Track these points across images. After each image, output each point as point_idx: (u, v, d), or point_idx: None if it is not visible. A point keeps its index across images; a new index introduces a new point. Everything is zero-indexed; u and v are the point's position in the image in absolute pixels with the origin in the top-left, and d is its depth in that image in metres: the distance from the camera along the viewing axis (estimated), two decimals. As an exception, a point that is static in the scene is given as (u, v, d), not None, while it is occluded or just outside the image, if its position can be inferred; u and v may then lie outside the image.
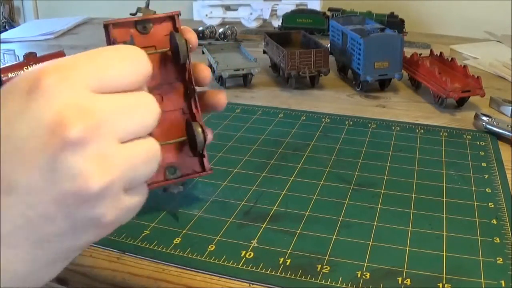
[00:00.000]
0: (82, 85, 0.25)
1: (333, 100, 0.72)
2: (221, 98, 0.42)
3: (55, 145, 0.24)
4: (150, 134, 0.28)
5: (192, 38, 0.40)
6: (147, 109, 0.28)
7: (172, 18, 0.40)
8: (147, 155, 0.28)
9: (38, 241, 0.25)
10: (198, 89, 0.41)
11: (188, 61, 0.39)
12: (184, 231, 0.41)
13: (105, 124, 0.25)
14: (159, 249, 0.38)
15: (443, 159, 0.53)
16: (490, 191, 0.47)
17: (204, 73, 0.41)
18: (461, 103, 0.68)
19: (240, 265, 0.37)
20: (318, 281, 0.35)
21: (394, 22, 0.98)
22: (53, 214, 0.25)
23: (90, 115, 0.25)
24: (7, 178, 0.24)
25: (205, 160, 0.42)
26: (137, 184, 0.28)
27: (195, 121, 0.40)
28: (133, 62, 0.28)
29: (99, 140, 0.25)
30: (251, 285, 0.35)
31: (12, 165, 0.24)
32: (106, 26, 0.37)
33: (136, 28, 0.39)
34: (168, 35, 0.39)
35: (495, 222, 0.42)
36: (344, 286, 0.34)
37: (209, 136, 0.41)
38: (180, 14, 0.40)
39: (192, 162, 0.42)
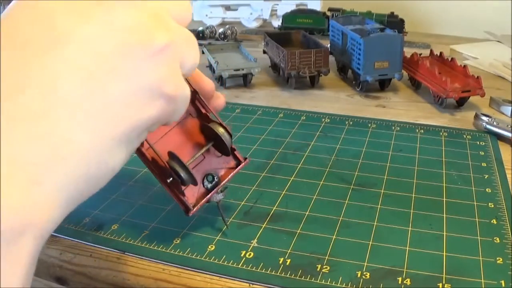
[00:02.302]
0: (162, 4, 0.26)
1: (333, 100, 0.72)
2: (220, 103, 0.41)
3: (140, 51, 0.24)
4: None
5: (207, 85, 0.39)
6: (197, 48, 0.28)
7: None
8: (187, 99, 0.28)
9: (104, 100, 0.23)
10: None
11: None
12: (184, 231, 0.41)
13: (181, 47, 0.26)
14: (159, 249, 0.38)
15: (443, 159, 0.53)
16: (490, 191, 0.47)
17: (219, 101, 0.41)
18: (461, 103, 0.68)
19: (240, 265, 0.37)
20: (318, 281, 0.35)
21: (394, 22, 0.98)
22: (117, 67, 0.23)
23: (172, 32, 0.26)
24: (61, 28, 0.22)
25: (237, 152, 0.41)
26: (185, 71, 0.28)
27: (212, 122, 0.39)
28: (186, 4, 0.29)
29: (174, 56, 0.26)
30: (251, 285, 0.35)
31: (67, 16, 0.23)
32: None
33: None
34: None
35: (495, 222, 0.42)
36: (344, 286, 0.34)
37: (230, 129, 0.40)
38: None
39: (224, 161, 0.41)
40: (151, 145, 0.37)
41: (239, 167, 0.41)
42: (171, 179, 0.37)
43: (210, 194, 0.40)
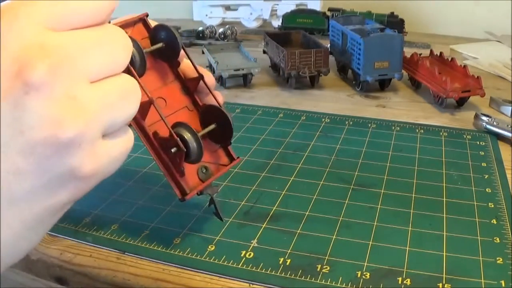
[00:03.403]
0: (40, 22, 0.22)
1: (333, 100, 0.72)
2: (220, 100, 0.40)
3: (17, 90, 0.21)
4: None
5: (209, 81, 0.38)
6: (116, 42, 0.25)
7: (142, 20, 0.37)
8: (124, 92, 0.25)
9: (10, 201, 0.22)
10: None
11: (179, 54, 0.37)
12: (184, 231, 0.41)
13: (72, 62, 0.22)
14: (159, 249, 0.38)
15: (443, 159, 0.53)
16: (490, 191, 0.47)
17: (219, 99, 0.39)
18: (461, 103, 0.68)
19: (240, 265, 0.37)
20: (318, 281, 0.35)
21: (394, 22, 0.98)
22: (22, 168, 0.22)
23: (53, 53, 0.22)
24: None
25: (230, 148, 0.40)
26: (118, 127, 0.26)
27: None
28: None
29: (67, 80, 0.22)
30: (251, 285, 0.35)
31: None
32: None
33: None
34: (147, 37, 0.36)
35: (495, 222, 0.42)
36: (344, 286, 0.34)
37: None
38: (148, 15, 0.37)
39: (217, 156, 0.40)
40: (162, 118, 0.34)
41: (231, 164, 0.40)
42: (174, 149, 0.35)
43: (204, 183, 0.38)
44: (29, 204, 0.23)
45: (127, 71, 0.28)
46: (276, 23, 1.14)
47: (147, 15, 0.37)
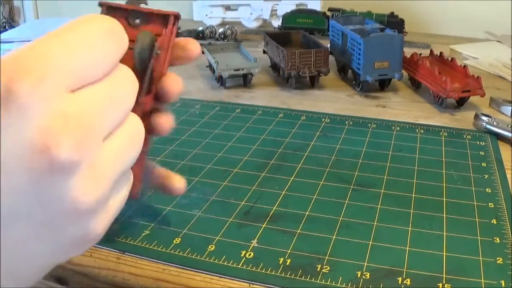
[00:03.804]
0: (60, 87, 0.21)
1: (333, 100, 0.72)
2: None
3: (43, 166, 0.21)
4: None
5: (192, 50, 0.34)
6: (127, 88, 0.25)
7: (170, 18, 0.34)
8: (132, 137, 0.25)
9: (26, 259, 0.23)
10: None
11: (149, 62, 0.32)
12: (184, 231, 0.41)
13: (92, 130, 0.22)
14: (159, 249, 0.38)
15: (443, 159, 0.53)
16: (490, 191, 0.47)
17: (174, 86, 0.33)
18: (461, 103, 0.68)
19: (240, 265, 0.37)
20: (318, 281, 0.35)
21: (394, 22, 0.98)
22: (42, 235, 0.22)
23: (76, 126, 0.21)
24: None
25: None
26: (125, 173, 0.26)
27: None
28: (112, 39, 0.24)
29: (88, 152, 0.22)
30: (251, 285, 0.35)
31: None
32: (100, 5, 0.33)
33: (127, 19, 0.33)
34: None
35: (495, 222, 0.42)
36: (344, 286, 0.34)
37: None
38: (179, 18, 0.34)
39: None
40: None
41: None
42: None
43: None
44: (42, 260, 0.24)
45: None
46: (276, 23, 1.14)
47: (177, 16, 0.34)
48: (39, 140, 0.20)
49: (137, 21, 0.34)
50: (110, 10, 0.33)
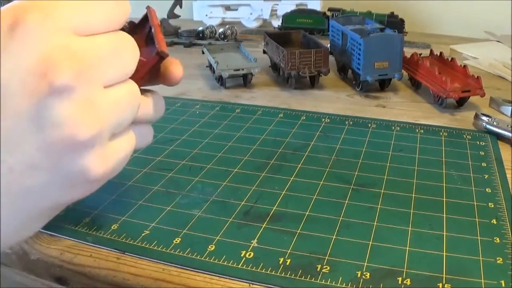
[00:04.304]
0: (66, 26, 0.23)
1: (333, 100, 0.72)
2: (175, 71, 0.36)
3: (42, 90, 0.22)
4: None
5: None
6: (129, 51, 0.27)
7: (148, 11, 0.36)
8: (130, 98, 0.27)
9: (21, 192, 0.23)
10: None
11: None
12: (184, 231, 0.41)
13: (92, 68, 0.24)
14: (159, 249, 0.38)
15: (443, 159, 0.53)
16: (490, 191, 0.47)
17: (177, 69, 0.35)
18: (461, 103, 0.68)
19: (240, 265, 0.37)
20: (318, 281, 0.35)
21: (394, 22, 0.98)
22: (38, 163, 0.23)
23: (78, 59, 0.23)
24: None
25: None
26: (122, 130, 0.27)
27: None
28: (118, 3, 0.26)
29: (87, 86, 0.23)
30: (251, 285, 0.35)
31: None
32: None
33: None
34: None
35: (495, 222, 0.42)
36: (344, 286, 0.34)
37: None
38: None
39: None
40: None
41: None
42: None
43: None
44: (38, 198, 0.24)
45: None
46: (276, 23, 1.14)
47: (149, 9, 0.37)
48: (40, 65, 0.22)
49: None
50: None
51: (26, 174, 0.23)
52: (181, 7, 0.36)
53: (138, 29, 0.36)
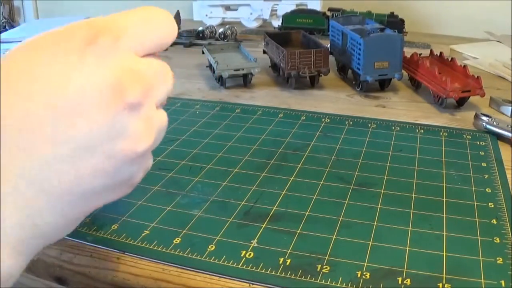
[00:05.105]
0: (131, 49, 0.26)
1: (333, 100, 0.72)
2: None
3: (117, 106, 0.24)
4: None
5: None
6: (171, 77, 0.29)
7: None
8: (165, 124, 0.29)
9: (84, 194, 0.25)
10: None
11: None
12: (184, 231, 0.41)
13: (152, 88, 0.27)
14: (159, 249, 0.38)
15: (443, 159, 0.53)
16: (490, 191, 0.47)
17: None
18: (461, 103, 0.68)
19: (240, 265, 0.37)
20: (318, 281, 0.35)
21: (394, 22, 0.98)
22: (102, 168, 0.25)
23: (143, 80, 0.26)
24: (60, 129, 0.23)
25: None
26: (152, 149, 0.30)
27: None
28: (167, 24, 0.28)
29: (150, 102, 0.26)
30: (251, 285, 0.35)
31: (67, 116, 0.23)
32: None
33: None
34: None
35: (495, 222, 0.42)
36: (344, 286, 0.34)
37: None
38: None
39: None
40: None
41: None
42: None
43: None
44: (95, 200, 0.27)
45: None
46: (276, 23, 1.14)
47: None
48: (115, 83, 0.24)
49: None
50: None
51: (91, 178, 0.25)
52: (179, 27, 0.36)
53: None
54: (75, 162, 0.24)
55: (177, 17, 0.34)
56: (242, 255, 0.38)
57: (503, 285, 0.34)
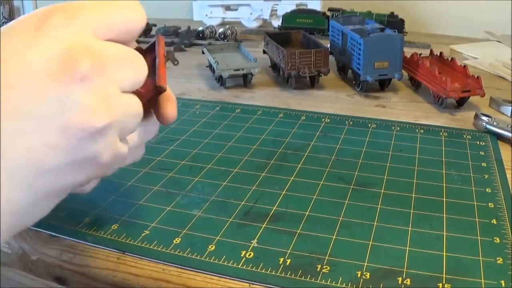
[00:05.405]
0: (87, 27, 0.26)
1: (333, 100, 0.72)
2: (169, 110, 0.34)
3: (66, 76, 0.25)
4: None
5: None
6: (140, 63, 0.29)
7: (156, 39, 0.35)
8: (136, 110, 0.29)
9: (39, 171, 0.25)
10: None
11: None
12: (184, 231, 0.41)
13: (109, 67, 0.27)
14: (159, 249, 0.38)
15: (443, 159, 0.53)
16: (490, 191, 0.47)
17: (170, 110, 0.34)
18: (461, 103, 0.68)
19: (240, 265, 0.37)
20: (318, 281, 0.35)
21: (394, 22, 0.98)
22: (56, 144, 0.25)
23: (97, 55, 0.26)
24: (13, 101, 0.24)
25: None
26: (125, 136, 0.30)
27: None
28: (133, 11, 0.29)
29: (104, 79, 0.26)
30: (251, 285, 0.35)
31: (20, 90, 0.24)
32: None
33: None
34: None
35: (495, 222, 0.42)
36: (344, 286, 0.34)
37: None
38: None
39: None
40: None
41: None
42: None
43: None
44: (54, 178, 0.26)
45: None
46: (276, 23, 1.14)
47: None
48: (63, 55, 0.25)
49: None
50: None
51: (45, 153, 0.25)
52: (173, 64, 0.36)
53: (144, 56, 0.36)
54: (29, 137, 0.24)
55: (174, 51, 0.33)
56: (242, 255, 0.38)
57: (503, 285, 0.34)
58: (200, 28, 1.06)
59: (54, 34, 0.25)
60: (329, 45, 0.81)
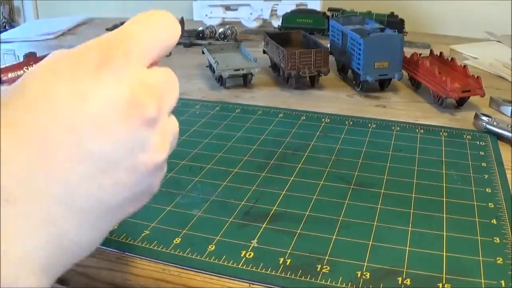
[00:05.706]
0: (141, 61, 0.27)
1: (333, 100, 0.72)
2: None
3: (135, 120, 0.25)
4: None
5: None
6: (177, 83, 0.30)
7: None
8: (177, 130, 0.30)
9: (108, 208, 0.26)
10: None
11: None
12: (184, 231, 0.41)
13: (165, 100, 0.27)
14: (159, 249, 0.38)
15: (443, 159, 0.53)
16: (490, 191, 0.47)
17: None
18: (461, 103, 0.68)
19: (240, 265, 0.37)
20: (318, 281, 0.35)
21: (394, 22, 0.98)
22: (123, 182, 0.26)
23: (156, 93, 0.26)
24: (82, 146, 0.24)
25: None
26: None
27: None
28: (170, 26, 0.29)
29: (164, 116, 0.27)
30: (251, 285, 0.35)
31: (88, 133, 0.24)
32: None
33: None
34: None
35: (495, 222, 0.42)
36: (344, 286, 0.34)
37: None
38: None
39: None
40: None
41: None
42: None
43: None
44: (119, 213, 0.27)
45: None
46: (276, 23, 1.14)
47: None
48: (130, 98, 0.25)
49: None
50: None
51: (114, 191, 0.26)
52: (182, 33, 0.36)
53: None
54: (99, 178, 0.25)
55: (181, 23, 0.34)
56: (242, 255, 0.38)
57: (503, 285, 0.34)
58: (200, 28, 1.06)
59: (116, 75, 0.25)
60: (329, 45, 0.81)
